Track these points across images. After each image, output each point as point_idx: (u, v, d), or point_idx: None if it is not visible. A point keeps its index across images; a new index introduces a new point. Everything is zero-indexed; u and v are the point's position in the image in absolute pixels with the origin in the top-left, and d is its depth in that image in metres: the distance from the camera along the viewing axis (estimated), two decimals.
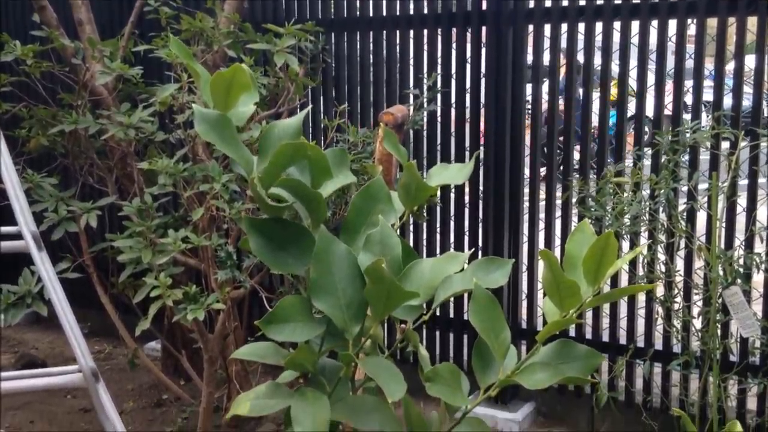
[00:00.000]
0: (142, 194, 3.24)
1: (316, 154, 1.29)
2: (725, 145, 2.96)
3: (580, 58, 3.39)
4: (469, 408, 1.38)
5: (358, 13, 3.85)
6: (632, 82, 3.33)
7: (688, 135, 2.88)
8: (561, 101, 3.46)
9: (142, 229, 3.06)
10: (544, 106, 3.52)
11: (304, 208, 1.36)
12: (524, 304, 3.66)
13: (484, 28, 3.54)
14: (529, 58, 3.50)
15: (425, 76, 3.64)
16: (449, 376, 1.32)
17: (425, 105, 3.48)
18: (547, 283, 1.23)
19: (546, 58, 3.48)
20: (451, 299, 3.82)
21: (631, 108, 3.35)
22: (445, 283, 1.48)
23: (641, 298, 3.33)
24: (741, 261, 2.69)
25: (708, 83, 3.22)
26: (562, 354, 1.32)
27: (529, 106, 3.56)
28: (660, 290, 3.09)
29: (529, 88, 3.53)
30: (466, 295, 3.84)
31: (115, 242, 3.13)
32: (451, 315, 3.81)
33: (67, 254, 3.41)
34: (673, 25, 3.14)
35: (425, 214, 3.68)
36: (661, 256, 3.01)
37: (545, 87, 3.50)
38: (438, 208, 3.73)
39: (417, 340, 1.44)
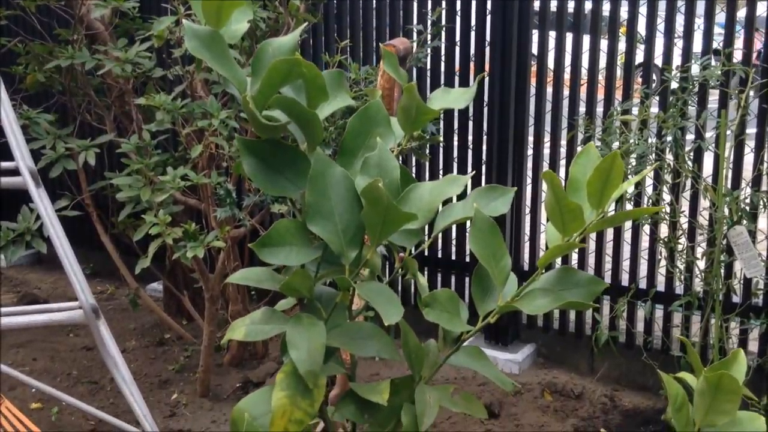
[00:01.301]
0: (141, 132, 3.19)
1: (311, 72, 1.24)
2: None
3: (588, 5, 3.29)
4: (468, 336, 1.36)
5: None
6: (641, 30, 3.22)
7: (696, 74, 2.82)
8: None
9: (141, 167, 3.02)
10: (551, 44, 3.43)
11: (299, 131, 1.31)
12: (527, 246, 3.64)
13: None
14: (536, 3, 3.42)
15: (429, 11, 3.54)
16: (448, 302, 1.29)
17: (429, 41, 3.40)
18: (550, 207, 1.20)
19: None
20: (453, 242, 3.80)
21: (639, 56, 3.24)
22: (445, 211, 1.44)
23: (645, 239, 3.31)
24: (747, 200, 2.64)
25: (718, 30, 3.12)
26: (564, 281, 1.29)
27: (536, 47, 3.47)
28: (664, 231, 3.06)
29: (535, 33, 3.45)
30: (468, 239, 3.83)
31: (113, 180, 3.11)
32: (453, 257, 3.80)
33: (66, 192, 3.39)
34: None
35: (428, 154, 3.63)
36: (667, 197, 2.97)
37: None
38: (441, 148, 3.68)
39: (416, 268, 1.42)
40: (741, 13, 3.05)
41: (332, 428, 1.33)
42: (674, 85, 2.88)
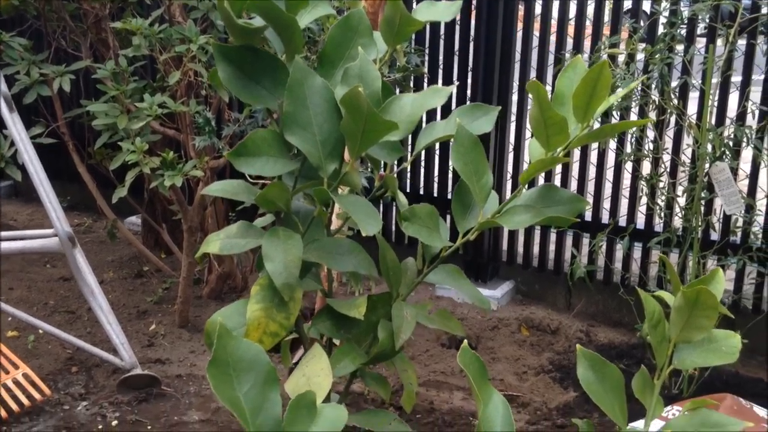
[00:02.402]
0: (117, 58, 3.11)
1: None
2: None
3: None
4: (446, 253, 1.34)
5: None
6: None
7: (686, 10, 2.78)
8: None
9: (117, 93, 2.95)
10: None
11: (278, 39, 1.27)
12: (509, 184, 3.62)
13: None
14: None
15: None
16: (427, 217, 1.27)
17: None
18: (534, 121, 1.17)
19: None
20: (435, 177, 3.78)
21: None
22: (427, 130, 1.42)
23: (626, 177, 3.30)
24: (731, 136, 2.64)
25: None
26: (546, 198, 1.27)
27: None
28: (646, 170, 3.06)
29: None
30: (451, 175, 3.81)
31: (89, 107, 3.04)
32: (435, 194, 3.78)
33: (40, 119, 3.32)
34: None
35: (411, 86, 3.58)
36: (651, 134, 2.95)
37: None
38: (425, 81, 3.63)
39: (396, 185, 1.39)
40: None
41: (308, 343, 1.32)
42: (663, 20, 2.84)
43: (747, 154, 2.93)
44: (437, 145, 3.70)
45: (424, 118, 3.46)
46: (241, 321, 1.25)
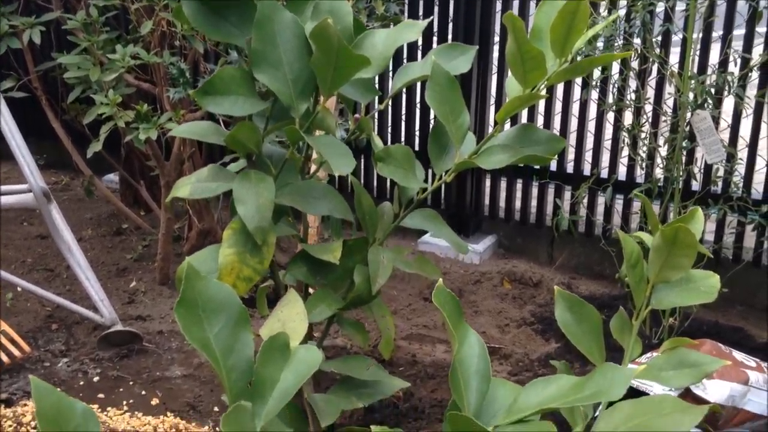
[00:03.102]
0: (88, 9, 3.02)
1: None
2: None
3: None
4: (422, 196, 1.32)
5: None
6: None
7: None
8: None
9: (89, 45, 2.87)
10: None
11: None
12: (492, 109, 3.57)
13: None
14: None
15: None
16: (403, 158, 1.25)
17: None
18: (511, 56, 1.14)
19: None
20: (416, 134, 3.74)
21: None
22: (402, 70, 1.38)
23: (608, 129, 3.28)
24: (713, 82, 2.61)
25: None
26: (524, 138, 1.24)
27: None
28: (628, 120, 3.03)
29: None
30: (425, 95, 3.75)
31: (60, 60, 2.96)
32: (416, 149, 3.74)
33: (11, 73, 3.23)
34: None
35: None
36: (633, 84, 2.92)
37: None
38: None
39: (371, 128, 1.36)
40: None
41: (283, 289, 1.30)
42: None
43: (729, 104, 2.91)
44: (417, 99, 3.65)
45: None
46: (214, 266, 1.23)
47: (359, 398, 1.34)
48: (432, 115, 3.58)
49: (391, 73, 3.55)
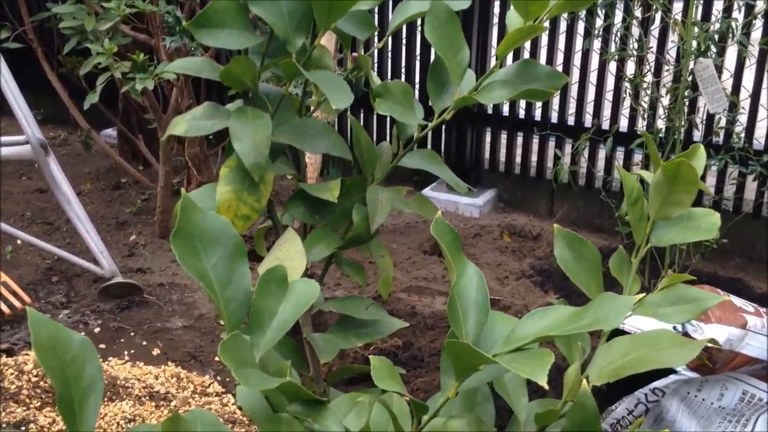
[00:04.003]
0: None
1: None
2: None
3: None
4: (422, 134, 1.30)
5: None
6: None
7: None
8: None
9: None
10: None
11: None
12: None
13: None
14: None
15: None
16: (401, 94, 1.23)
17: None
18: None
19: None
20: (417, 75, 3.68)
21: None
22: (400, 8, 1.35)
23: (610, 80, 3.25)
24: (717, 30, 2.57)
25: None
26: (524, 74, 1.22)
27: None
28: (631, 71, 3.00)
29: None
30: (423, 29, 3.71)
31: (55, 9, 2.91)
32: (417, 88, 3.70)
33: (6, 23, 3.19)
34: None
35: None
36: (636, 32, 2.88)
37: None
38: None
39: (369, 65, 1.34)
40: None
41: (282, 229, 1.29)
42: None
43: (732, 55, 2.87)
44: (417, 43, 3.60)
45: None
46: (211, 204, 1.21)
47: (358, 338, 1.34)
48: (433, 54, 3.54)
49: (390, 10, 3.51)
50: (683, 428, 1.82)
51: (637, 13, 2.84)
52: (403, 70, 3.70)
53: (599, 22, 2.97)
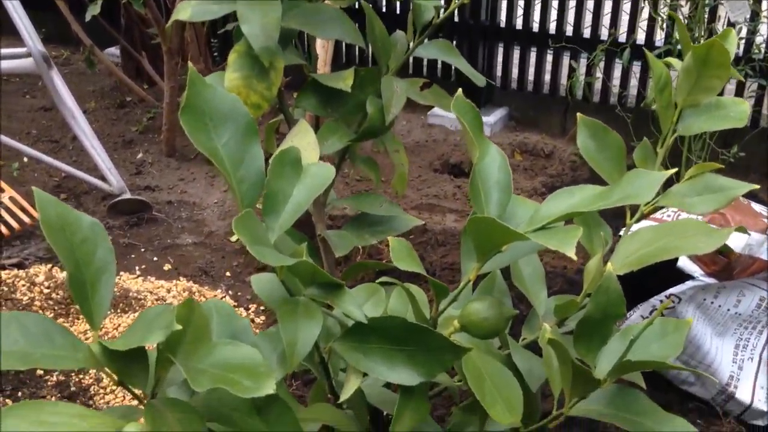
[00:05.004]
0: None
1: None
2: None
3: None
4: (443, 17, 1.24)
5: None
6: None
7: None
8: None
9: None
10: None
11: None
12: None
13: None
14: None
15: None
16: None
17: None
18: None
19: None
20: None
21: None
22: None
23: None
24: None
25: None
26: None
27: None
28: None
29: None
30: None
31: None
32: None
33: None
34: None
35: None
36: None
37: None
38: None
39: None
40: None
41: (292, 122, 1.25)
42: None
43: None
44: None
45: None
46: None
47: (373, 235, 1.31)
48: None
49: None
50: (698, 334, 1.81)
51: None
52: None
53: None
